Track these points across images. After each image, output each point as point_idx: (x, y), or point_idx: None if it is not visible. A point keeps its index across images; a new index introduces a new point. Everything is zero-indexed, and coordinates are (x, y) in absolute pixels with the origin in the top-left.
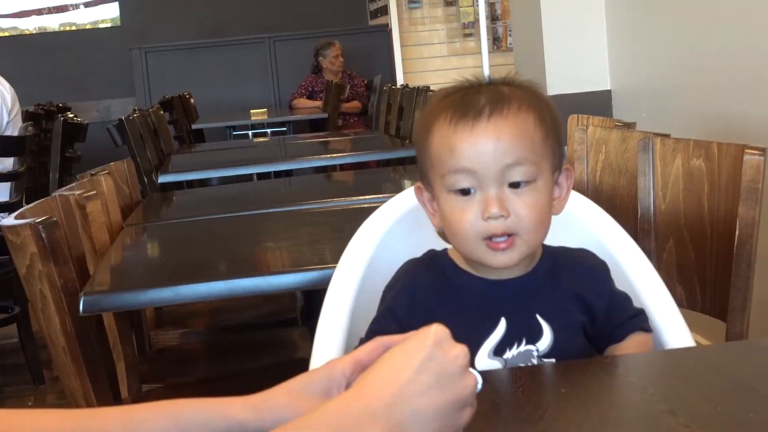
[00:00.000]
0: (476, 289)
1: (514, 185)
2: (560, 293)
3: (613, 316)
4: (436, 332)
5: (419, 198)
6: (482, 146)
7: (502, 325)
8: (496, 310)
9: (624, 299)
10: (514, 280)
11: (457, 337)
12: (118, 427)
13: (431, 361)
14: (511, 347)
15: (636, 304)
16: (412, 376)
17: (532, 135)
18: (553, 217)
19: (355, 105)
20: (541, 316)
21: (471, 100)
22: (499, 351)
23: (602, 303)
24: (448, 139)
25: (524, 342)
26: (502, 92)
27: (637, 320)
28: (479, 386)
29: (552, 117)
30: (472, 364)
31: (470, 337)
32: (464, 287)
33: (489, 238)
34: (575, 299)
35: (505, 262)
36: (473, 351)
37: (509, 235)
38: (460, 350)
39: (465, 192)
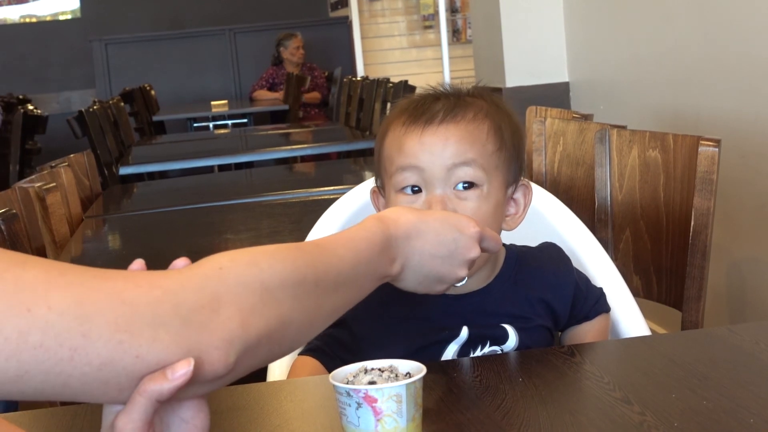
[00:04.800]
0: (437, 304)
1: (462, 187)
2: (523, 299)
3: (576, 310)
4: (474, 230)
5: (374, 202)
6: (430, 145)
7: (464, 333)
8: (458, 322)
9: (585, 290)
10: (476, 293)
11: (420, 342)
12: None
13: (453, 243)
14: (475, 350)
15: None
16: (435, 242)
17: (484, 141)
18: None
19: (314, 95)
20: (505, 323)
21: (427, 106)
22: (463, 353)
23: (566, 306)
24: (398, 140)
25: (488, 344)
26: (462, 100)
27: (597, 306)
28: (462, 283)
29: (512, 131)
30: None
31: (432, 342)
32: (423, 301)
33: None
34: (539, 304)
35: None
36: (437, 354)
37: None
38: (476, 252)
39: (413, 191)
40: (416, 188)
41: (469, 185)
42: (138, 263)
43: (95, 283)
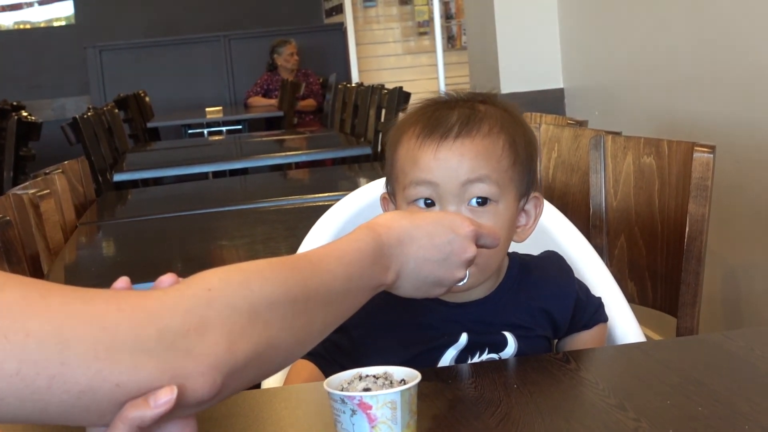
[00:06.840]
0: (439, 312)
1: (476, 203)
2: (525, 309)
3: (576, 319)
4: (469, 229)
5: (384, 208)
6: (445, 161)
7: (463, 339)
8: (458, 329)
9: (585, 299)
10: (479, 302)
11: (418, 348)
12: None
13: (448, 245)
14: (473, 356)
15: None
16: (429, 246)
17: (499, 157)
18: None
19: (310, 103)
20: (505, 330)
21: (442, 117)
22: (461, 360)
23: (566, 315)
24: (413, 152)
25: (487, 351)
26: (477, 111)
27: (596, 316)
28: (463, 283)
29: (526, 142)
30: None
31: (431, 348)
32: (424, 309)
33: None
34: (540, 314)
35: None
36: (435, 359)
37: None
38: (472, 252)
39: (425, 204)
40: (429, 201)
41: (483, 201)
42: (122, 281)
43: (76, 307)
